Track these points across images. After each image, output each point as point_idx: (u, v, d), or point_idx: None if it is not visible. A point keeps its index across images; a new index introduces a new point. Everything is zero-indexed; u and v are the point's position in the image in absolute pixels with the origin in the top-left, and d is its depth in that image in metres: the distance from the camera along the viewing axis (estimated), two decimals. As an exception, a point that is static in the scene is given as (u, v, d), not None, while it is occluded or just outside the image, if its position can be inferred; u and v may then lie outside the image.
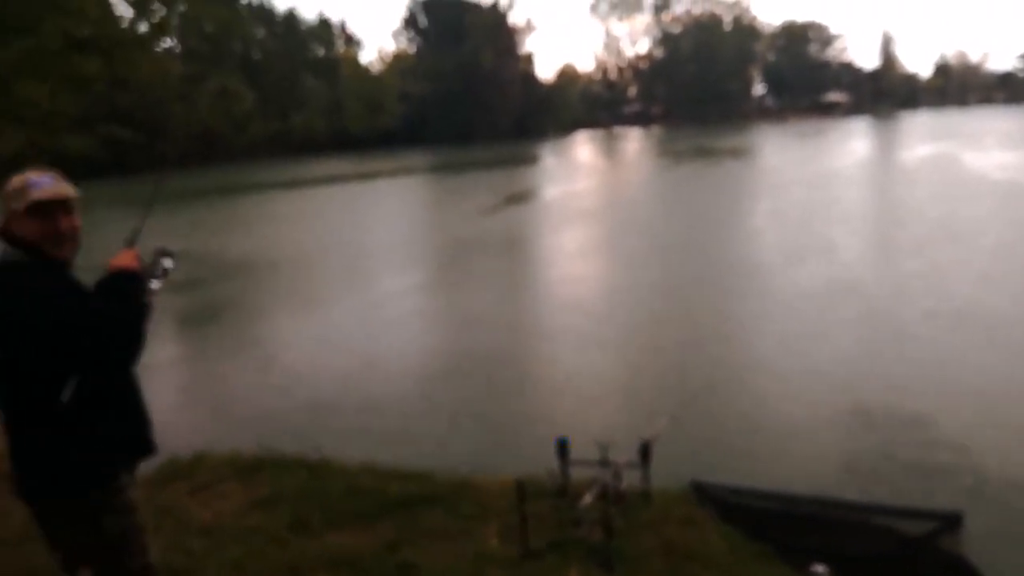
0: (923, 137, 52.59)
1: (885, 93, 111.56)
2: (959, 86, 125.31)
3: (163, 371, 10.24)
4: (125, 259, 2.68)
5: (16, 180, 2.50)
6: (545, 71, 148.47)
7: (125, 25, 8.46)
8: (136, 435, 2.66)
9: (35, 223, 2.47)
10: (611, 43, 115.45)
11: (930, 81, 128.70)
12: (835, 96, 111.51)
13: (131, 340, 2.44)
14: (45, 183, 2.50)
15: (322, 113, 78.77)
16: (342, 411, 8.33)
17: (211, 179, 47.56)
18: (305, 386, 9.36)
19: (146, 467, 5.49)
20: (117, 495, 2.56)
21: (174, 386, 9.91)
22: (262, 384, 9.68)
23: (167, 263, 2.84)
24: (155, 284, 2.76)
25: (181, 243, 15.36)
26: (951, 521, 4.08)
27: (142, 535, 2.62)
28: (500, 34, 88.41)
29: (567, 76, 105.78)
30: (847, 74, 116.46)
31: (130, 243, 2.74)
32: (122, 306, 2.49)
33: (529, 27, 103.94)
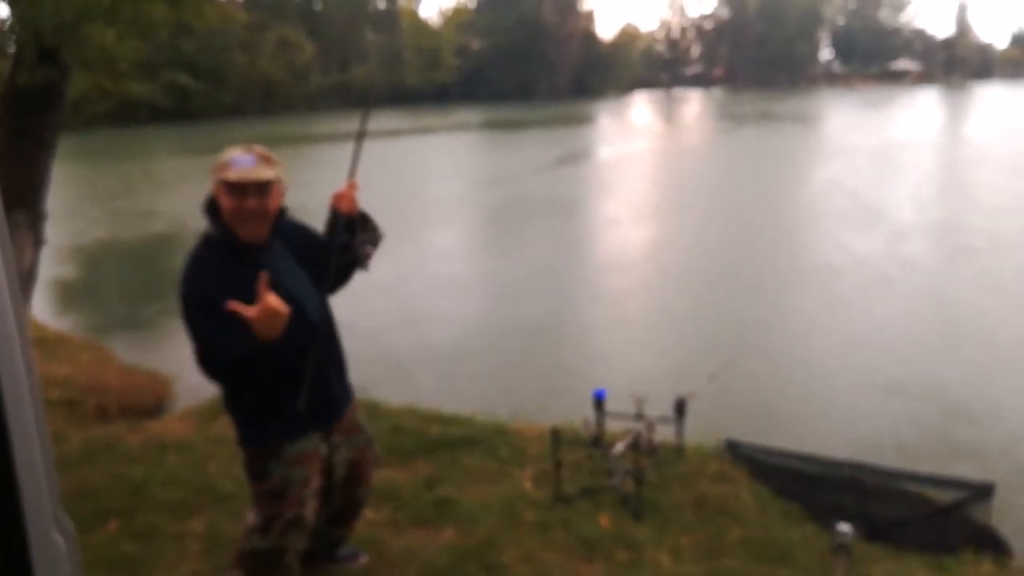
0: (997, 110, 50.68)
1: (958, 62, 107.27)
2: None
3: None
4: (347, 197, 2.96)
5: (225, 154, 2.59)
6: (606, 30, 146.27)
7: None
8: (315, 401, 2.65)
9: (228, 199, 2.57)
10: (675, 1, 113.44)
11: (1005, 52, 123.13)
12: (905, 64, 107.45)
13: (207, 367, 2.50)
14: (242, 163, 2.56)
15: (381, 66, 78.77)
16: (389, 358, 8.54)
17: (270, 128, 48.05)
18: (354, 331, 9.58)
19: (200, 400, 5.77)
20: (285, 449, 2.71)
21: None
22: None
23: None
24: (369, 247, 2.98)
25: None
26: (982, 491, 4.08)
27: (302, 488, 2.74)
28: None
29: (628, 35, 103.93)
30: (919, 41, 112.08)
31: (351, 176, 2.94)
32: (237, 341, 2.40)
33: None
